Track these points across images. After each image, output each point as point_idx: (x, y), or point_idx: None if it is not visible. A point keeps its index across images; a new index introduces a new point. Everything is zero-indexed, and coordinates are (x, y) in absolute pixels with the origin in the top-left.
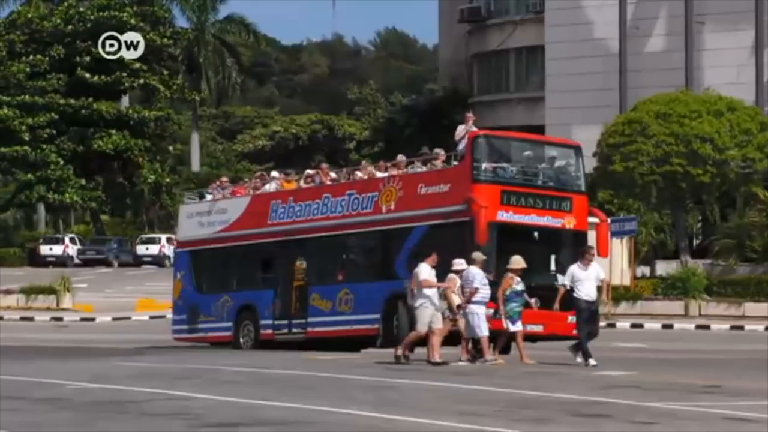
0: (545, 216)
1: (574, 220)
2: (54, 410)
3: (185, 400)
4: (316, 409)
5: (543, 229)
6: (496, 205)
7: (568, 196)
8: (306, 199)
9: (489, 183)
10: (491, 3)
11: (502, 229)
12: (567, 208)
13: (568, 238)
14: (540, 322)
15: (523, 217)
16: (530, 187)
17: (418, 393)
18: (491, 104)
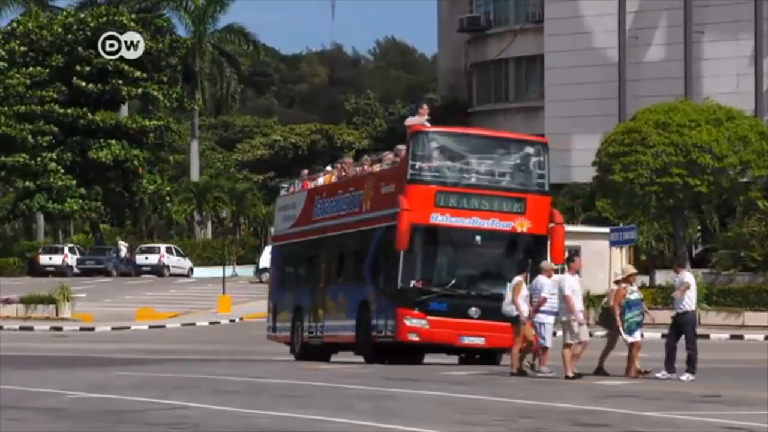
0: (491, 218)
1: (528, 223)
2: (53, 420)
3: (183, 410)
4: (313, 419)
5: (487, 233)
6: (429, 207)
7: (521, 196)
8: (331, 195)
9: (423, 183)
10: (491, 12)
11: (434, 232)
12: (519, 210)
13: (522, 242)
14: (481, 335)
15: (461, 220)
16: (472, 188)
17: (417, 402)
18: (491, 114)
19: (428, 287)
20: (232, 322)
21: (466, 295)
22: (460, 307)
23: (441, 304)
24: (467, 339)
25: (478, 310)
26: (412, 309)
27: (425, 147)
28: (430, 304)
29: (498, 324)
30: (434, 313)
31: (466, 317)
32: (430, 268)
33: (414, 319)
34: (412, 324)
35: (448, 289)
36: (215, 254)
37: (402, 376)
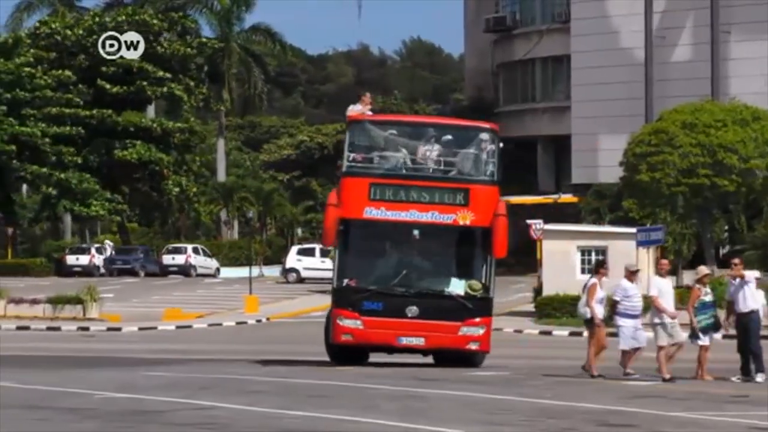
0: (430, 211)
1: (471, 216)
2: (80, 420)
3: (210, 410)
4: (340, 419)
5: (426, 227)
6: (363, 201)
7: (464, 187)
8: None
9: (357, 175)
10: (517, 12)
11: (368, 227)
12: (462, 202)
13: (465, 236)
14: (421, 335)
15: (397, 214)
16: (409, 179)
17: (443, 402)
18: (517, 114)
19: (363, 286)
20: (259, 323)
21: (403, 293)
22: (397, 306)
23: (376, 304)
24: (405, 339)
25: (416, 309)
26: (346, 309)
27: (361, 137)
28: (364, 303)
29: (439, 323)
30: (369, 313)
31: (403, 317)
32: (365, 265)
33: (347, 320)
34: (346, 324)
35: (384, 287)
36: (242, 254)
37: (428, 376)
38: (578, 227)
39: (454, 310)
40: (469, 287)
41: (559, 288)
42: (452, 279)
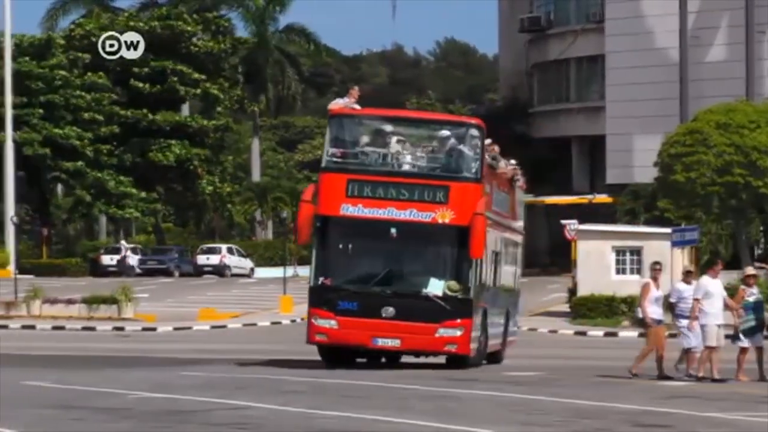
0: (408, 209)
1: (451, 214)
2: (116, 420)
3: (245, 410)
4: (375, 419)
5: (404, 225)
6: (340, 198)
7: (444, 184)
8: None
9: (335, 171)
10: (551, 13)
11: (345, 225)
12: (441, 199)
13: (444, 235)
14: (397, 336)
15: (374, 211)
16: (387, 175)
17: (477, 403)
18: (552, 114)
19: (338, 285)
20: (293, 322)
21: (379, 293)
22: (373, 307)
23: (351, 303)
24: (381, 341)
25: (392, 309)
26: (321, 308)
27: (342, 131)
28: (339, 302)
29: (415, 324)
30: (344, 312)
31: (379, 317)
32: (341, 264)
33: (322, 319)
34: (320, 324)
35: (360, 286)
36: (276, 254)
37: (462, 377)
38: (613, 227)
39: (431, 311)
40: (447, 287)
41: (594, 288)
42: (430, 279)
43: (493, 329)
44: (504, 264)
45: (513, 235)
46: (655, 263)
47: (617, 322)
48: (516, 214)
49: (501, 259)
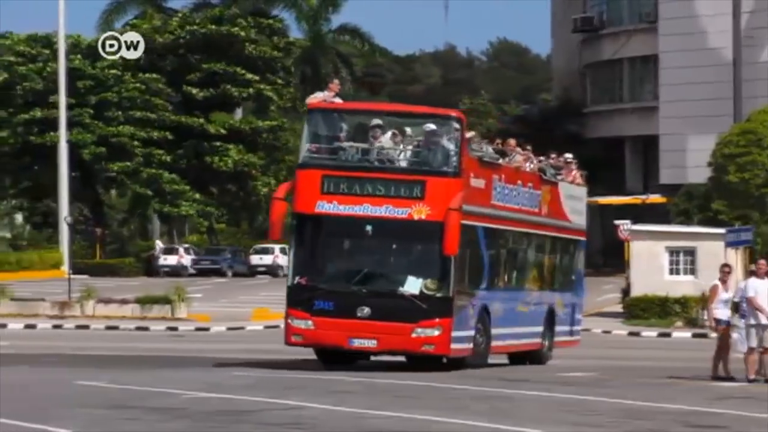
0: (384, 205)
1: (427, 210)
2: (169, 419)
3: (298, 410)
4: (429, 419)
5: (380, 222)
6: (315, 194)
7: (420, 179)
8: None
9: (310, 167)
10: (605, 13)
11: (320, 223)
12: (417, 195)
13: (420, 231)
14: (373, 337)
15: (350, 208)
16: (362, 170)
17: (530, 403)
18: (605, 114)
19: (314, 284)
20: None
21: (355, 292)
22: (349, 306)
23: (327, 303)
24: (357, 341)
25: (368, 309)
26: (297, 308)
27: (318, 126)
28: (315, 302)
29: (392, 324)
30: (320, 312)
31: (355, 317)
32: (317, 262)
33: (297, 320)
34: (296, 325)
35: (335, 285)
36: None
37: (514, 377)
38: (666, 228)
39: (408, 311)
40: (425, 286)
41: (648, 288)
42: (407, 277)
43: (514, 329)
44: (533, 262)
45: (552, 232)
46: (725, 265)
47: (671, 323)
48: (559, 210)
49: (521, 257)
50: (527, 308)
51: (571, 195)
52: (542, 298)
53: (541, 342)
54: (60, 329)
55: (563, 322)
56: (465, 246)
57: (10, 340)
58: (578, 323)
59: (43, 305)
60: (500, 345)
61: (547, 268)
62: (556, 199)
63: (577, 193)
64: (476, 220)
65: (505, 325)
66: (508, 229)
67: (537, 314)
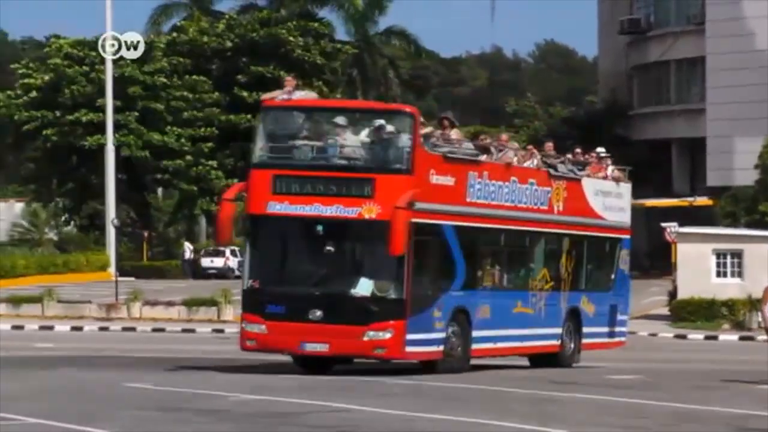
0: (334, 205)
1: (377, 208)
2: (216, 421)
3: (344, 412)
4: (476, 422)
5: (330, 222)
6: (267, 195)
7: (368, 177)
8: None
9: (262, 167)
10: (651, 14)
11: (271, 223)
12: (366, 193)
13: (371, 230)
14: (325, 341)
15: (300, 208)
16: (312, 169)
17: (578, 406)
18: (652, 116)
19: (266, 287)
20: None
21: (306, 295)
22: (301, 310)
23: (279, 307)
24: (309, 346)
25: (320, 312)
26: (250, 312)
27: (271, 124)
28: (267, 306)
29: (343, 328)
30: (272, 316)
31: (307, 321)
32: (269, 265)
33: (251, 324)
34: (250, 329)
35: (287, 288)
36: None
37: (564, 379)
38: (713, 230)
39: (359, 313)
40: (376, 287)
41: (695, 291)
42: (359, 278)
43: (510, 331)
44: (540, 261)
45: (571, 229)
46: None
47: (718, 326)
48: (584, 207)
49: (519, 256)
50: (533, 309)
51: (601, 191)
52: (559, 298)
53: (559, 344)
54: (107, 331)
55: (596, 323)
56: (426, 246)
57: (57, 342)
58: (621, 324)
59: (89, 307)
60: (487, 348)
61: (566, 267)
62: (577, 195)
63: (612, 189)
64: (443, 218)
65: (495, 327)
66: (494, 228)
67: (551, 315)
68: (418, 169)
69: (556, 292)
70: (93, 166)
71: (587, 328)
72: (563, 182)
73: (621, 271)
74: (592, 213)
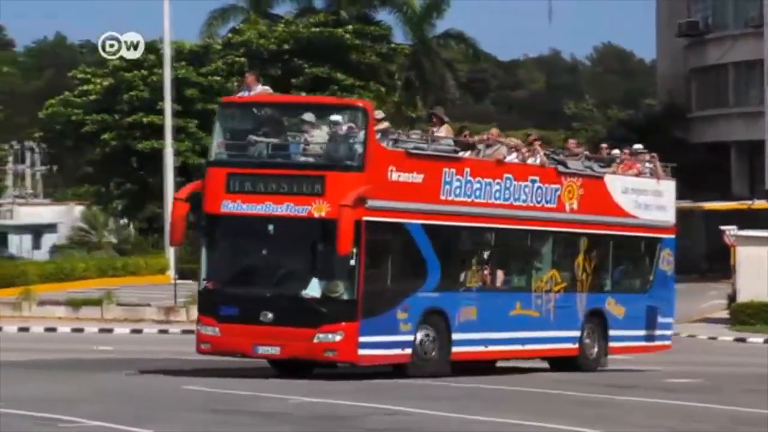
0: (285, 203)
1: (327, 206)
2: (273, 424)
3: (399, 415)
4: (533, 425)
5: (281, 221)
6: (221, 193)
7: (318, 174)
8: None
9: (218, 165)
10: (709, 17)
11: (225, 223)
12: (317, 191)
13: (321, 229)
14: (276, 343)
15: (253, 207)
16: (265, 167)
17: (635, 409)
18: (710, 119)
19: (220, 289)
20: None
21: (258, 296)
22: (253, 311)
23: (232, 308)
24: (261, 348)
25: (271, 314)
26: (205, 315)
27: (228, 122)
28: (221, 308)
29: (294, 330)
30: (226, 319)
31: (259, 323)
32: (223, 265)
33: (205, 326)
34: (205, 332)
35: (240, 289)
36: None
37: (623, 383)
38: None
39: (309, 315)
40: (327, 288)
41: (755, 294)
42: (311, 279)
43: (503, 334)
44: (548, 261)
45: (591, 229)
46: None
47: None
48: (609, 205)
49: (516, 255)
50: (539, 312)
51: (633, 189)
52: (575, 300)
53: (578, 347)
54: (166, 334)
55: (628, 326)
56: (385, 245)
57: (116, 345)
58: (663, 327)
59: (149, 310)
60: (474, 351)
61: (584, 267)
62: (599, 193)
63: (648, 187)
64: (408, 216)
65: (485, 329)
66: (481, 227)
67: (565, 317)
68: (372, 165)
69: (570, 293)
70: (151, 168)
71: (615, 331)
72: (578, 179)
73: (662, 272)
74: (620, 211)
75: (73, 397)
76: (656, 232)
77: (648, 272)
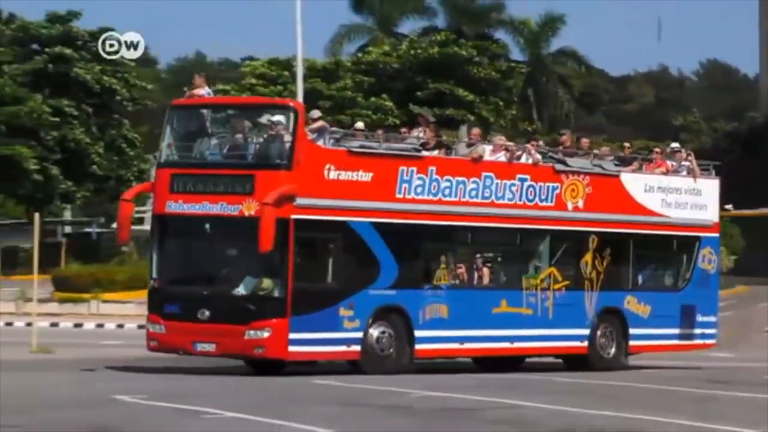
0: (219, 202)
1: (256, 205)
2: (398, 417)
3: (516, 408)
4: (644, 419)
5: (215, 220)
6: (166, 194)
7: (249, 173)
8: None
9: (163, 166)
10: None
11: (168, 223)
12: (247, 190)
13: (251, 228)
14: (212, 340)
15: (192, 207)
16: (202, 167)
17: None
18: None
19: (164, 287)
20: None
21: (197, 294)
22: (192, 309)
23: (174, 306)
24: (200, 345)
25: (207, 311)
26: (152, 312)
27: (172, 124)
28: (165, 306)
29: (227, 327)
30: (169, 316)
31: (197, 320)
32: (167, 264)
33: (153, 324)
34: (152, 329)
35: (181, 287)
36: None
37: (724, 378)
38: None
39: (240, 312)
40: (257, 286)
41: None
42: (244, 277)
43: (480, 332)
44: (549, 261)
45: (602, 227)
46: None
47: None
48: (629, 203)
49: (509, 254)
50: (531, 310)
51: (661, 187)
52: (581, 298)
53: (586, 345)
54: None
55: (654, 325)
56: (321, 243)
57: None
58: (704, 325)
59: None
60: (444, 348)
61: (593, 266)
62: (614, 191)
63: (682, 185)
64: (351, 214)
65: (459, 326)
66: (450, 225)
67: (568, 316)
68: (303, 164)
69: (575, 291)
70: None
71: (637, 329)
72: (584, 178)
73: (701, 271)
74: (642, 210)
75: (215, 392)
76: (693, 230)
77: (682, 271)
